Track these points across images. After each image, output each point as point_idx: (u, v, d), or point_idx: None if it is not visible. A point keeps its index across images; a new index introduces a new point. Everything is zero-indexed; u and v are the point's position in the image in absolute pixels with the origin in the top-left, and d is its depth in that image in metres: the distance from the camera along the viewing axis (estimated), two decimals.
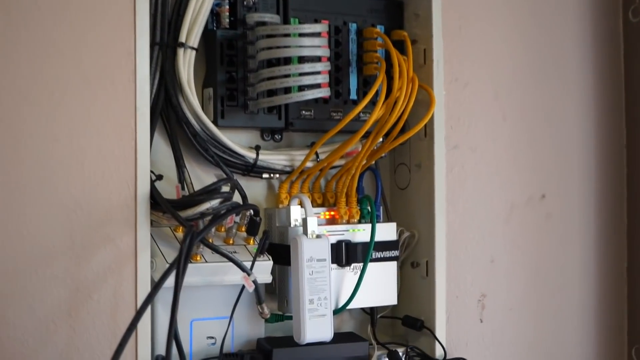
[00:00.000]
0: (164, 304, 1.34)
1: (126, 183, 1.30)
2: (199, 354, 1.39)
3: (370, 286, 1.49)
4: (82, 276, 1.27)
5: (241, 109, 1.45)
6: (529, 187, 1.69)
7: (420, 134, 1.56)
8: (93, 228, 1.28)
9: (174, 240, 1.36)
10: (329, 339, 1.41)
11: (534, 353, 1.69)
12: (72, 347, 1.26)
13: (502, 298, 1.65)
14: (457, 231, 1.59)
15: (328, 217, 1.50)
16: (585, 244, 1.75)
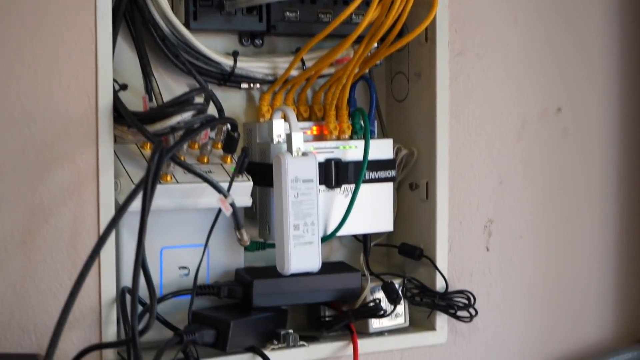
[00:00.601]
0: (130, 230, 1.35)
1: (86, 93, 1.30)
2: (169, 285, 1.41)
3: (363, 210, 1.50)
4: (36, 199, 1.27)
5: (217, 10, 1.44)
6: (544, 100, 1.69)
7: (420, 39, 1.56)
8: (48, 145, 1.28)
9: (140, 158, 1.37)
10: (316, 269, 1.42)
11: (546, 285, 1.71)
12: (26, 278, 1.27)
13: (511, 224, 1.67)
14: (461, 149, 1.60)
15: (315, 132, 1.51)
16: (605, 163, 1.76)
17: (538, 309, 1.71)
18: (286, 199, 1.39)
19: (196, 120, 1.31)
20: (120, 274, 1.35)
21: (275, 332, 1.44)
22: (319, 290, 1.46)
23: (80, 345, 1.28)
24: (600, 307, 1.78)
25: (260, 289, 1.41)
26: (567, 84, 1.71)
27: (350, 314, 1.49)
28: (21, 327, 1.27)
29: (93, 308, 1.31)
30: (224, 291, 1.42)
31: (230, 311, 1.41)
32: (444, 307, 1.55)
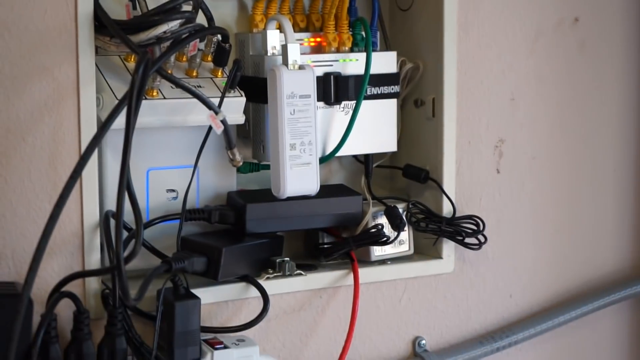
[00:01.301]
0: (113, 149, 1.35)
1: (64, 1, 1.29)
2: (157, 209, 1.42)
3: (365, 129, 1.51)
4: (12, 115, 1.27)
5: None
6: (559, 9, 1.69)
7: None
8: (24, 56, 1.27)
9: (124, 72, 1.36)
10: (314, 192, 1.43)
11: (559, 210, 1.73)
12: (3, 200, 1.27)
13: (524, 144, 1.68)
14: (470, 62, 1.60)
15: (313, 44, 1.51)
16: (626, 79, 1.76)
17: (551, 235, 1.72)
18: (282, 116, 1.39)
19: (184, 30, 1.31)
20: (104, 196, 1.35)
21: (270, 260, 1.45)
22: (317, 215, 1.47)
23: (62, 273, 1.29)
24: (617, 234, 1.80)
25: (254, 213, 1.42)
26: None
27: (351, 240, 1.50)
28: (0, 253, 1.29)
29: (75, 233, 1.31)
30: (215, 216, 1.42)
31: (222, 237, 1.41)
32: (451, 233, 1.56)
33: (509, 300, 1.68)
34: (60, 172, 1.30)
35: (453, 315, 1.63)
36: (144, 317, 1.35)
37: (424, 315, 1.60)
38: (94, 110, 1.31)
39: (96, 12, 1.31)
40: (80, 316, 1.26)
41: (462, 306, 1.63)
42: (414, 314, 1.59)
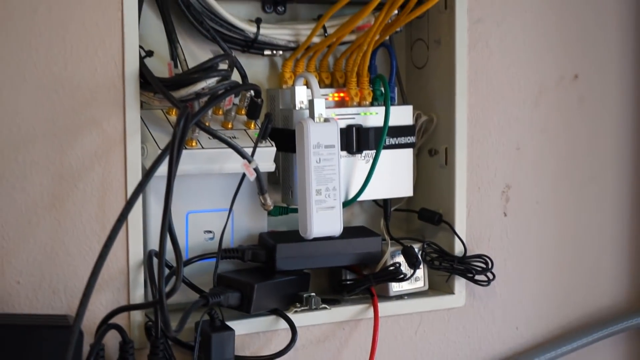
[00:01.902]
0: (156, 194, 1.35)
1: (112, 59, 1.30)
2: (195, 249, 1.41)
3: (384, 176, 1.50)
4: (65, 163, 1.28)
5: None
6: (561, 67, 1.69)
7: (439, 6, 1.55)
8: (77, 110, 1.28)
9: (166, 124, 1.37)
10: (337, 233, 1.43)
11: (563, 250, 1.72)
12: (56, 240, 1.28)
13: (528, 190, 1.67)
14: (479, 115, 1.59)
15: (337, 98, 1.50)
16: (621, 130, 1.76)
17: (553, 273, 1.71)
18: (308, 164, 1.39)
19: (220, 87, 1.31)
20: (148, 237, 1.36)
21: (298, 295, 1.44)
22: (341, 254, 1.47)
23: (109, 307, 1.29)
24: (614, 272, 1.78)
25: (284, 252, 1.41)
26: (584, 51, 1.71)
27: (371, 277, 1.49)
28: (52, 288, 1.28)
29: (121, 271, 1.32)
30: (248, 255, 1.42)
31: (254, 274, 1.41)
32: (462, 271, 1.56)
33: (515, 332, 1.67)
34: (108, 215, 1.30)
35: (464, 346, 1.62)
36: (184, 347, 1.35)
37: (437, 345, 1.59)
38: (139, 159, 1.32)
39: (141, 70, 1.32)
40: (125, 346, 1.26)
41: (472, 337, 1.62)
42: (429, 345, 1.58)
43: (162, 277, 1.25)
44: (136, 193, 1.23)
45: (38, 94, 1.26)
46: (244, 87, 1.37)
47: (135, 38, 1.31)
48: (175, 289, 1.27)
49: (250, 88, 1.38)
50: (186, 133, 1.26)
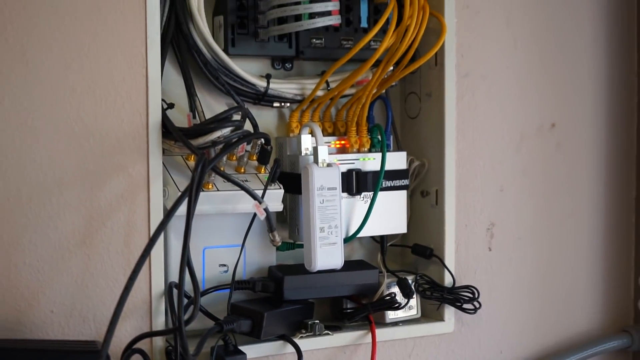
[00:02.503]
0: (176, 232, 1.35)
1: (138, 111, 1.31)
2: (211, 281, 1.41)
3: (381, 215, 1.50)
4: (95, 204, 1.28)
5: (252, 37, 1.44)
6: (540, 116, 1.69)
7: (430, 62, 1.56)
8: (105, 156, 1.29)
9: (185, 169, 1.37)
10: (339, 266, 1.42)
11: (542, 281, 1.71)
12: (87, 274, 1.28)
13: (511, 227, 1.67)
14: (466, 160, 1.60)
15: (339, 145, 1.51)
16: (594, 174, 1.76)
17: (534, 302, 1.71)
18: (313, 205, 1.39)
19: (234, 135, 1.32)
20: (168, 270, 1.36)
21: (303, 322, 1.44)
22: (342, 285, 1.46)
23: (134, 333, 1.29)
24: (589, 300, 1.78)
25: (290, 284, 1.41)
26: (560, 102, 1.71)
27: (369, 306, 1.49)
28: (82, 317, 1.28)
29: (144, 300, 1.32)
30: (258, 286, 1.42)
31: (264, 303, 1.41)
32: (451, 300, 1.56)
33: (500, 355, 1.66)
34: (133, 250, 1.30)
35: None
36: None
37: None
38: (161, 200, 1.32)
39: (163, 121, 1.32)
40: None
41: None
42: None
43: (181, 306, 1.26)
44: (158, 231, 1.24)
45: (71, 142, 1.27)
46: (255, 136, 1.37)
47: (158, 92, 1.32)
48: (193, 317, 1.28)
49: (260, 136, 1.38)
50: (203, 177, 1.27)
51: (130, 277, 1.18)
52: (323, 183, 1.40)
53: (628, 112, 1.77)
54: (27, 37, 1.24)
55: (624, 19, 1.76)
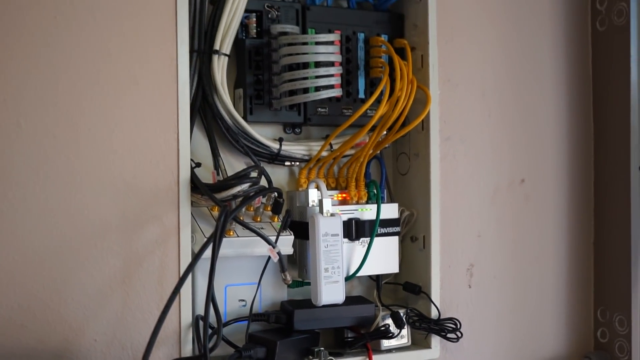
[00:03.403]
0: (202, 272, 1.35)
1: (170, 170, 1.31)
2: (232, 314, 1.41)
3: (376, 257, 1.50)
4: (133, 248, 1.28)
5: (267, 107, 1.46)
6: (511, 173, 1.69)
7: (418, 128, 1.56)
8: (142, 208, 1.29)
9: (210, 218, 1.38)
10: (341, 301, 1.42)
11: (514, 314, 1.70)
12: (125, 308, 1.28)
13: (488, 267, 1.66)
14: (449, 210, 1.59)
15: (340, 198, 1.51)
16: (558, 222, 1.75)
17: (508, 331, 1.69)
18: (319, 249, 1.40)
19: (252, 190, 1.32)
20: (195, 305, 1.35)
21: (311, 349, 1.43)
22: (343, 317, 1.46)
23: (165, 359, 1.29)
24: (555, 330, 1.76)
25: (300, 316, 1.41)
26: (528, 161, 1.71)
27: (367, 335, 1.48)
28: (121, 344, 1.28)
29: (174, 331, 1.31)
30: (272, 318, 1.41)
31: (277, 333, 1.40)
32: (437, 330, 1.54)
33: None
34: (165, 288, 1.30)
35: None
36: None
37: None
38: (189, 245, 1.32)
39: (192, 178, 1.33)
40: None
41: None
42: None
43: (207, 336, 1.26)
44: (187, 271, 1.24)
45: (113, 196, 1.27)
46: (269, 190, 1.38)
47: (187, 153, 1.33)
48: (216, 345, 1.28)
49: (274, 190, 1.39)
50: (226, 225, 1.27)
51: (163, 310, 1.19)
52: (327, 230, 1.40)
53: (586, 169, 1.77)
54: (77, 107, 1.26)
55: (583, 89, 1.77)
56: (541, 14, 1.73)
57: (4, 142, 1.22)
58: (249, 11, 1.44)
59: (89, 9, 1.27)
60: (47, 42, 1.24)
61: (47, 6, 1.24)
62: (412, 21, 1.57)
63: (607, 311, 1.76)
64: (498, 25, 1.67)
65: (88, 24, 1.27)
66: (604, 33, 1.74)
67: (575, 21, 1.76)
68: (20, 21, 1.23)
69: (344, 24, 1.52)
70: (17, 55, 1.23)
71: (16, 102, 1.22)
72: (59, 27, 1.25)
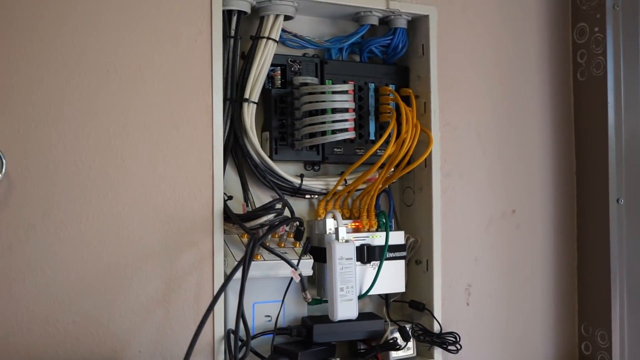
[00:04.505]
0: (233, 291, 1.34)
1: (205, 202, 1.31)
2: (259, 328, 1.40)
3: (385, 278, 1.49)
4: (173, 271, 1.28)
5: (290, 147, 1.46)
6: (503, 205, 1.68)
7: (421, 165, 1.56)
8: (181, 235, 1.29)
9: (240, 244, 1.37)
10: (354, 317, 1.41)
11: (507, 329, 1.68)
12: (166, 323, 1.28)
13: (484, 287, 1.64)
14: (449, 237, 1.58)
15: (354, 226, 1.50)
16: (545, 247, 1.73)
17: (501, 344, 1.67)
18: (335, 271, 1.39)
19: (276, 220, 1.33)
20: (227, 320, 1.34)
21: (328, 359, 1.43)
22: (356, 331, 1.44)
23: None
24: (543, 344, 1.74)
25: (318, 330, 1.40)
26: (518, 194, 1.70)
27: (377, 347, 1.47)
28: (162, 355, 1.27)
29: (208, 344, 1.30)
30: (294, 332, 1.40)
31: (298, 345, 1.39)
32: (439, 343, 1.53)
33: None
34: (200, 305, 1.30)
35: None
36: None
37: None
38: (222, 268, 1.32)
39: (225, 209, 1.33)
40: None
41: None
42: None
43: (237, 348, 1.25)
44: (220, 291, 1.24)
45: (156, 224, 1.28)
46: (292, 220, 1.37)
47: (221, 188, 1.33)
48: (245, 356, 1.27)
49: (296, 220, 1.38)
50: (254, 251, 1.28)
51: (199, 325, 1.18)
52: (342, 254, 1.40)
53: (569, 201, 1.76)
54: (127, 149, 1.26)
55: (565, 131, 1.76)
56: (528, 66, 1.73)
57: (62, 179, 1.22)
58: (275, 65, 1.45)
59: (137, 64, 1.28)
60: (101, 94, 1.25)
61: (99, 60, 1.25)
62: (416, 73, 1.58)
63: (590, 327, 1.73)
64: (491, 75, 1.67)
65: (137, 78, 1.28)
66: (584, 83, 1.74)
67: (558, 73, 1.76)
68: (76, 72, 1.24)
69: (357, 75, 1.52)
70: (75, 103, 1.24)
71: (73, 145, 1.23)
72: (111, 80, 1.26)
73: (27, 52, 1.21)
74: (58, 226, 1.22)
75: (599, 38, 1.69)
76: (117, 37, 1.26)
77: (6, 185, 1.19)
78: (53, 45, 1.22)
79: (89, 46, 1.25)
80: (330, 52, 1.52)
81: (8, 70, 1.20)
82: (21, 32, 1.21)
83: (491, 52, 1.67)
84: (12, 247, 1.19)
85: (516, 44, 1.71)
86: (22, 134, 1.20)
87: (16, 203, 1.20)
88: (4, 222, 1.19)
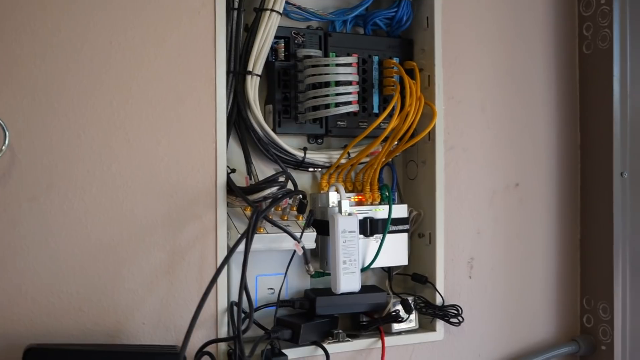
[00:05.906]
0: (236, 264, 1.35)
1: (209, 175, 1.31)
2: (262, 300, 1.41)
3: (388, 251, 1.49)
4: (177, 243, 1.29)
5: (293, 120, 1.45)
6: (506, 178, 1.68)
7: (425, 138, 1.55)
8: (185, 208, 1.29)
9: (243, 217, 1.37)
10: (357, 289, 1.41)
11: (509, 302, 1.68)
12: (169, 295, 1.28)
13: (486, 261, 1.65)
14: (452, 211, 1.58)
15: (357, 200, 1.50)
16: (548, 221, 1.73)
17: (504, 317, 1.68)
18: (337, 244, 1.39)
19: (280, 192, 1.32)
20: (230, 292, 1.35)
21: (330, 332, 1.43)
22: (359, 304, 1.45)
23: (204, 340, 1.29)
24: (546, 316, 1.74)
25: (321, 302, 1.41)
26: (522, 167, 1.69)
27: (380, 319, 1.48)
28: (165, 327, 1.28)
29: (212, 315, 1.31)
30: (297, 304, 1.41)
31: (301, 317, 1.40)
32: (441, 315, 1.54)
33: (478, 357, 1.63)
34: (204, 277, 1.30)
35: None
36: None
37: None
38: (225, 240, 1.32)
39: (228, 182, 1.33)
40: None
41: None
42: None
43: (240, 320, 1.26)
44: (223, 263, 1.24)
45: (160, 197, 1.28)
46: (295, 193, 1.38)
47: (224, 161, 1.32)
48: (248, 328, 1.28)
49: (299, 193, 1.39)
50: (257, 223, 1.28)
51: (202, 297, 1.19)
52: (345, 227, 1.40)
53: (573, 174, 1.76)
54: (129, 122, 1.26)
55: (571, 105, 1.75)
56: (534, 39, 1.71)
57: (66, 151, 1.22)
58: (278, 37, 1.44)
59: (140, 37, 1.27)
60: (105, 66, 1.25)
61: (103, 34, 1.24)
62: (420, 46, 1.57)
63: (592, 300, 1.74)
64: (496, 48, 1.65)
65: (140, 51, 1.27)
66: (590, 56, 1.72)
67: (564, 46, 1.75)
68: (80, 47, 1.23)
69: (361, 48, 1.51)
70: (79, 76, 1.23)
71: (76, 117, 1.23)
72: (115, 53, 1.25)
73: (31, 25, 1.20)
74: (62, 198, 1.22)
75: (605, 10, 1.67)
76: (121, 10, 1.25)
77: (9, 158, 1.19)
78: (57, 18, 1.22)
79: (93, 19, 1.24)
80: (334, 24, 1.51)
81: (12, 42, 1.19)
82: (25, 6, 1.20)
83: (496, 25, 1.65)
84: (15, 219, 1.19)
85: (522, 17, 1.69)
86: (25, 106, 1.20)
87: (20, 175, 1.20)
88: (7, 194, 1.19)
